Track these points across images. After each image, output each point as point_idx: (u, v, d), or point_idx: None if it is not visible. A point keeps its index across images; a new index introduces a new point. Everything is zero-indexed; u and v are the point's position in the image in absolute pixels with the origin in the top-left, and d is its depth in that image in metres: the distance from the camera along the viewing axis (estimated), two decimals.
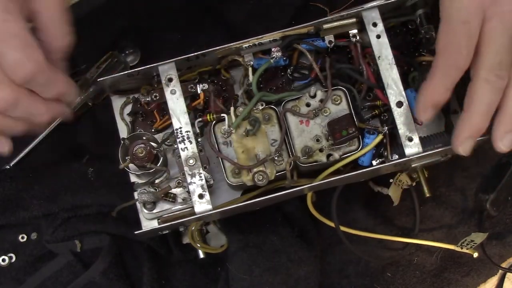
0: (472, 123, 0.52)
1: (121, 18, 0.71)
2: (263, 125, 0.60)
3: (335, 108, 0.60)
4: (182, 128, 0.59)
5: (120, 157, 0.60)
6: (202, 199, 0.57)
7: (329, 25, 0.60)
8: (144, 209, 0.61)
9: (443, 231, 0.67)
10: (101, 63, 0.69)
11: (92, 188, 0.66)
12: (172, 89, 0.60)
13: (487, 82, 0.50)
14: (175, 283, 0.67)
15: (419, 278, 0.66)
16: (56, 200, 0.65)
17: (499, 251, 0.67)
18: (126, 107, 0.64)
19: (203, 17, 0.72)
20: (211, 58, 0.62)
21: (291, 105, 0.60)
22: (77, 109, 0.69)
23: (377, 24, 0.59)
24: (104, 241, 0.65)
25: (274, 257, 0.62)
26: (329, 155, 0.59)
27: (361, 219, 0.66)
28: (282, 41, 0.61)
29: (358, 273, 0.66)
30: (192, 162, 0.58)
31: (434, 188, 0.65)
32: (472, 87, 0.51)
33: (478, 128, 0.52)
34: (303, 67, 0.64)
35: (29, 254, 0.67)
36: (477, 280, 0.67)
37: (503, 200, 0.65)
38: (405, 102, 0.58)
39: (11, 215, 0.65)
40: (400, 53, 0.62)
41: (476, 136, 0.53)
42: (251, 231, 0.64)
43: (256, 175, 0.58)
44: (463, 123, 0.52)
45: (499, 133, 0.52)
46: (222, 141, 0.60)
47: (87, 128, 0.70)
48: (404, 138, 0.57)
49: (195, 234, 0.63)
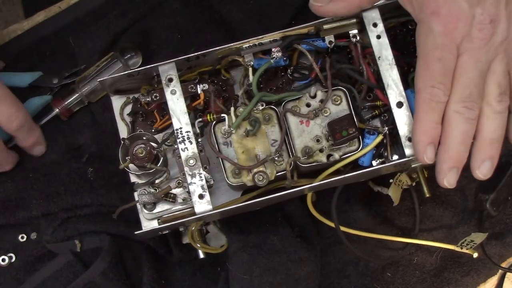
0: (450, 155, 0.53)
1: (121, 18, 0.71)
2: (263, 125, 0.60)
3: (335, 109, 0.60)
4: (182, 128, 0.59)
5: (120, 157, 0.60)
6: (202, 199, 0.57)
7: (329, 25, 0.60)
8: (144, 210, 0.61)
9: (443, 231, 0.67)
10: (101, 63, 0.69)
11: (91, 188, 0.66)
12: (172, 89, 0.60)
13: (458, 113, 0.53)
14: (175, 283, 0.67)
15: (419, 278, 0.66)
16: (55, 200, 0.65)
17: (499, 251, 0.67)
18: (126, 107, 0.64)
19: (203, 17, 0.72)
20: (211, 58, 0.62)
21: (291, 106, 0.60)
22: (72, 105, 0.69)
23: (377, 24, 0.59)
24: (104, 241, 0.65)
25: (274, 257, 0.62)
26: (329, 156, 0.59)
27: (361, 219, 0.66)
28: (282, 41, 0.61)
29: (358, 273, 0.66)
30: (192, 162, 0.58)
31: (434, 188, 0.65)
32: (445, 120, 0.53)
33: (457, 158, 0.54)
34: (303, 67, 0.64)
35: (29, 254, 0.67)
36: (477, 280, 0.67)
37: (503, 200, 0.66)
38: (405, 102, 0.58)
39: (11, 215, 0.65)
40: (400, 54, 0.62)
41: (458, 167, 0.54)
42: (251, 231, 0.64)
43: (256, 175, 0.58)
44: (442, 156, 0.54)
45: (475, 162, 0.54)
46: (222, 141, 0.60)
47: (87, 128, 0.70)
48: (404, 139, 0.57)
49: (195, 234, 0.63)
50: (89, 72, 0.69)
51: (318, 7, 0.58)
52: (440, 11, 0.52)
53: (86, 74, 0.69)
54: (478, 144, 0.54)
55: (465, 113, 0.53)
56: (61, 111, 0.69)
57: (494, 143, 0.54)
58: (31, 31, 0.74)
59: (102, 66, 0.69)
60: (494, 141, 0.54)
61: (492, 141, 0.54)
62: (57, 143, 0.70)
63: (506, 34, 0.52)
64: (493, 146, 0.54)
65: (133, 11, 0.72)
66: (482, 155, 0.54)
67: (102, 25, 0.71)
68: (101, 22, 0.71)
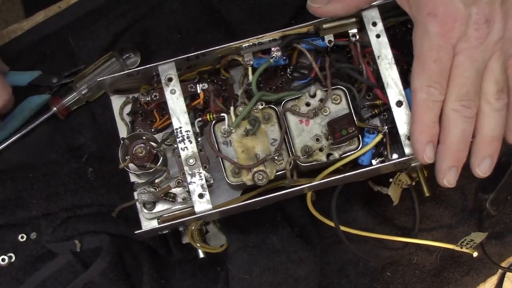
0: (449, 154, 0.54)
1: (121, 18, 0.71)
2: (263, 124, 0.60)
3: (335, 108, 0.60)
4: (182, 127, 0.59)
5: (120, 157, 0.60)
6: (202, 199, 0.57)
7: (329, 25, 0.60)
8: (144, 209, 0.61)
9: (443, 230, 0.67)
10: (99, 62, 0.69)
11: (91, 187, 0.66)
12: (172, 88, 0.60)
13: (455, 112, 0.53)
14: (175, 283, 0.67)
15: (419, 278, 0.66)
16: (55, 200, 0.65)
17: (498, 251, 0.67)
18: (126, 107, 0.64)
19: (203, 17, 0.72)
20: (211, 58, 0.62)
21: (291, 105, 0.60)
22: (70, 103, 0.69)
23: (376, 23, 0.59)
24: (104, 241, 0.65)
25: (274, 257, 0.62)
26: (329, 155, 0.59)
27: (360, 218, 0.66)
28: (282, 40, 0.61)
29: (358, 272, 0.66)
30: (192, 161, 0.58)
31: (433, 188, 0.65)
32: (443, 119, 0.54)
33: (456, 157, 0.54)
34: (303, 66, 0.64)
35: (29, 254, 0.67)
36: (476, 280, 0.67)
37: (502, 200, 0.66)
38: (405, 101, 0.58)
39: (11, 215, 0.65)
40: (399, 53, 0.62)
41: (457, 166, 0.54)
42: (251, 231, 0.64)
43: (256, 174, 0.58)
44: (441, 155, 0.54)
45: (475, 160, 0.54)
46: (222, 140, 0.60)
47: (87, 128, 0.70)
48: (404, 138, 0.57)
49: (195, 234, 0.63)
50: (87, 71, 0.69)
51: (316, 9, 0.58)
52: (436, 12, 0.52)
53: (84, 73, 0.69)
54: (478, 142, 0.54)
55: (463, 112, 0.53)
56: (58, 110, 0.69)
57: (493, 141, 0.54)
58: (31, 31, 0.74)
59: (99, 65, 0.69)
60: (494, 139, 0.54)
61: (491, 139, 0.54)
62: (57, 143, 0.70)
63: (502, 33, 0.53)
64: (493, 144, 0.54)
65: (133, 11, 0.72)
66: (482, 153, 0.54)
67: (102, 25, 0.71)
68: (101, 22, 0.71)
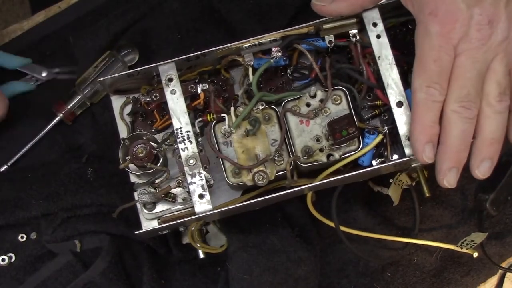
0: (449, 154, 0.54)
1: (121, 18, 0.71)
2: (263, 125, 0.60)
3: (335, 108, 0.60)
4: (182, 128, 0.59)
5: (120, 157, 0.60)
6: (202, 199, 0.57)
7: (329, 25, 0.60)
8: (144, 209, 0.61)
9: (443, 231, 0.67)
10: (99, 62, 0.69)
11: (91, 188, 0.66)
12: (172, 89, 0.60)
13: (456, 113, 0.53)
14: (175, 283, 0.67)
15: (419, 278, 0.66)
16: (55, 200, 0.65)
17: (498, 251, 0.67)
18: (126, 107, 0.64)
19: (203, 17, 0.72)
20: (211, 58, 0.62)
21: (291, 105, 0.60)
22: (75, 108, 0.69)
23: (377, 24, 0.59)
24: (104, 241, 0.65)
25: (274, 257, 0.62)
26: (329, 155, 0.59)
27: (361, 219, 0.66)
28: (282, 41, 0.61)
29: (358, 273, 0.66)
30: (192, 162, 0.58)
31: (434, 188, 0.65)
32: (444, 120, 0.54)
33: (456, 158, 0.54)
34: (303, 67, 0.64)
35: (29, 254, 0.67)
36: (476, 280, 0.67)
37: (503, 200, 0.66)
38: (405, 102, 0.58)
39: (11, 215, 0.65)
40: (400, 53, 0.62)
41: (458, 167, 0.54)
42: (251, 231, 0.64)
43: (256, 175, 0.58)
44: (441, 156, 0.54)
45: (475, 161, 0.54)
46: (222, 141, 0.60)
47: (87, 128, 0.70)
48: (404, 138, 0.57)
49: (195, 234, 0.63)
50: (88, 74, 0.69)
51: (321, 7, 0.58)
52: (438, 12, 0.52)
53: (86, 76, 0.69)
54: (478, 143, 0.54)
55: (463, 113, 0.53)
56: (64, 116, 0.69)
57: (494, 143, 0.54)
58: (31, 31, 0.74)
59: (101, 66, 0.69)
60: (494, 141, 0.54)
61: (492, 141, 0.54)
62: (57, 143, 0.70)
63: (506, 34, 0.52)
64: (493, 146, 0.54)
65: (133, 11, 0.72)
66: (482, 155, 0.54)
67: (102, 25, 0.71)
68: (101, 22, 0.71)
